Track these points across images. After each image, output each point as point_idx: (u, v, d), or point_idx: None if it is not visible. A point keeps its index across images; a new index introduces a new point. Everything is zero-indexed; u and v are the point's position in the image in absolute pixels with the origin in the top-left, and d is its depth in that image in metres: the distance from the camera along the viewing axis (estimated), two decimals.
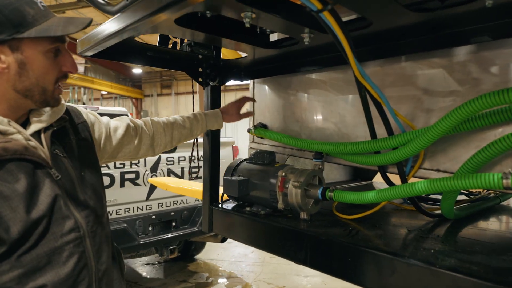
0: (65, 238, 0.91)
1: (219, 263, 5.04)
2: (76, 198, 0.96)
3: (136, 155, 1.34)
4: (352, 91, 1.38)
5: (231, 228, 1.53)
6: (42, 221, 0.86)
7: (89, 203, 0.99)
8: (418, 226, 1.28)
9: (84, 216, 0.96)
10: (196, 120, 1.48)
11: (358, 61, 0.99)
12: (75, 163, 1.00)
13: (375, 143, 1.17)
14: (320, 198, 1.30)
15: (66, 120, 1.03)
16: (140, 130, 1.33)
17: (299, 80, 1.57)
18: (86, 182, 1.01)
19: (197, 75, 1.59)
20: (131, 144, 1.29)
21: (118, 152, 1.27)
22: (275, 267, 4.80)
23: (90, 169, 1.05)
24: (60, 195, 0.91)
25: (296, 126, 1.59)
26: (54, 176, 0.91)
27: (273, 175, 1.40)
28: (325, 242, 1.14)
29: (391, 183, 1.27)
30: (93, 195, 1.03)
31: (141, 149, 1.34)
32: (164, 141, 1.39)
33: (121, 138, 1.25)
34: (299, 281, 4.38)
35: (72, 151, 1.01)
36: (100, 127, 1.19)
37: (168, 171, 3.58)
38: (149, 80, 24.48)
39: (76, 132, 1.07)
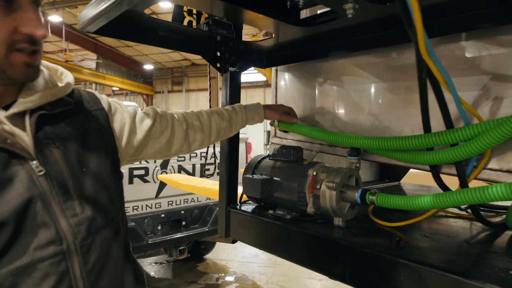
0: (39, 253, 0.70)
1: (229, 263, 4.87)
2: (68, 199, 0.77)
3: (169, 152, 1.14)
4: (395, 78, 1.18)
5: (251, 233, 1.34)
6: (4, 228, 0.67)
7: (86, 206, 0.80)
8: (475, 236, 1.08)
9: (73, 224, 0.76)
10: (235, 113, 1.28)
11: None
12: (73, 156, 0.80)
13: (431, 138, 0.97)
14: (359, 202, 1.11)
15: (69, 104, 0.84)
16: (171, 121, 1.13)
17: (331, 66, 1.37)
18: (87, 180, 0.82)
19: (214, 60, 1.40)
20: (162, 138, 1.09)
21: (146, 148, 1.07)
22: (287, 269, 4.61)
23: (99, 163, 0.86)
24: (37, 197, 0.72)
25: (326, 118, 1.40)
26: (37, 170, 0.72)
27: (302, 174, 1.21)
28: (369, 255, 0.94)
29: (445, 187, 1.07)
30: (97, 196, 0.83)
31: (174, 144, 1.13)
32: (201, 136, 1.20)
33: (148, 130, 1.05)
34: (313, 284, 4.19)
35: (72, 141, 0.82)
36: (123, 116, 1.00)
37: (178, 167, 3.41)
38: (160, 76, 24.48)
39: (87, 119, 0.88)
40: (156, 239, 3.14)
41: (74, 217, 0.77)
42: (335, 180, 1.12)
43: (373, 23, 1.06)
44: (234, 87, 1.43)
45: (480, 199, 0.84)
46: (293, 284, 4.17)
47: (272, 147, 1.63)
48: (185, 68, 23.95)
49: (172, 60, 22.29)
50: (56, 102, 0.81)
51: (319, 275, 4.36)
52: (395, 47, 1.18)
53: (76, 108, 0.87)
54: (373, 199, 1.08)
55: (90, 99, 0.92)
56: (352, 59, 1.29)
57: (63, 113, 0.83)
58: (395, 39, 1.13)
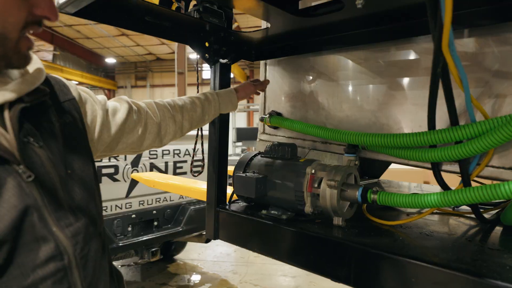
0: (39, 272, 0.60)
1: (201, 263, 4.75)
2: (59, 207, 0.66)
3: (140, 147, 1.04)
4: (396, 74, 1.15)
5: (243, 235, 1.27)
6: (2, 247, 0.56)
7: (78, 214, 0.69)
8: (473, 234, 1.08)
9: (70, 235, 0.66)
10: (208, 102, 1.20)
11: None
12: (58, 156, 0.69)
13: (436, 135, 0.95)
14: (360, 201, 1.07)
15: (46, 94, 0.72)
16: (144, 114, 1.03)
17: (326, 61, 1.33)
18: (74, 183, 0.71)
19: (203, 51, 1.31)
20: (135, 133, 0.99)
21: (118, 143, 0.97)
22: (260, 267, 4.58)
23: (80, 164, 0.75)
24: (32, 207, 0.60)
25: (320, 115, 1.35)
26: (25, 176, 0.60)
27: (300, 172, 1.16)
28: (377, 256, 0.91)
29: (446, 185, 1.06)
30: (86, 199, 0.73)
31: (146, 139, 1.04)
32: (173, 129, 1.11)
33: (122, 124, 0.95)
34: (286, 282, 4.18)
35: (54, 139, 0.70)
36: (94, 108, 0.88)
37: (150, 165, 3.25)
38: (123, 71, 23.54)
39: (61, 112, 0.75)
40: (127, 241, 2.97)
41: (70, 226, 0.67)
42: (335, 178, 1.07)
43: (375, 15, 1.02)
44: (224, 80, 1.34)
45: (491, 197, 0.83)
46: (267, 282, 4.14)
47: (261, 144, 1.57)
48: (149, 62, 23.20)
49: (136, 54, 21.50)
50: (32, 92, 0.68)
51: (292, 272, 4.38)
52: (392, 43, 1.15)
53: (50, 98, 0.75)
54: (375, 197, 1.05)
55: (59, 87, 0.79)
56: (350, 53, 1.25)
57: (39, 105, 0.71)
58: (396, 34, 1.10)
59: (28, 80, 0.67)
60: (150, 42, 19.09)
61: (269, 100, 1.53)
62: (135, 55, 21.68)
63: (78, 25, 16.16)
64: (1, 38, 0.59)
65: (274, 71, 1.51)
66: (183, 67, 11.24)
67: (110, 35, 17.47)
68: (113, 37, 17.79)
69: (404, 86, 1.14)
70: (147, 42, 19.10)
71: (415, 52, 1.11)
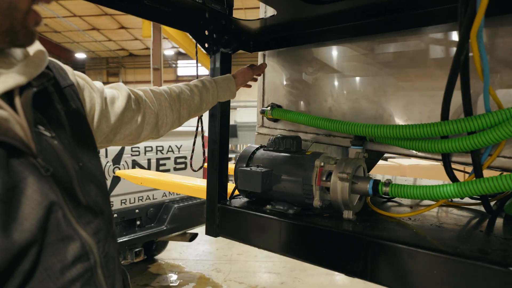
0: (68, 275, 0.53)
1: (183, 262, 4.65)
2: (78, 204, 0.59)
3: (137, 139, 0.98)
4: (404, 64, 1.14)
5: (247, 231, 1.22)
6: (30, 249, 0.48)
7: (95, 209, 0.62)
8: (482, 224, 1.09)
9: (92, 233, 0.60)
10: (206, 89, 1.14)
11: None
12: (69, 148, 0.62)
13: (451, 125, 0.94)
14: (371, 194, 1.05)
15: (50, 78, 0.63)
16: (143, 103, 0.96)
17: (330, 51, 1.30)
18: (87, 177, 0.64)
19: (202, 39, 1.25)
20: (133, 123, 0.92)
21: (116, 134, 0.89)
22: (244, 265, 4.54)
23: (89, 157, 0.67)
24: (56, 203, 0.53)
25: (323, 107, 1.32)
26: (43, 170, 0.53)
27: (308, 166, 1.12)
28: (395, 249, 0.89)
29: (455, 177, 1.06)
30: (99, 194, 0.66)
31: (144, 130, 0.97)
32: (171, 119, 1.04)
33: (121, 114, 0.87)
34: (272, 278, 4.17)
35: (62, 129, 0.62)
36: (92, 96, 0.80)
37: (133, 162, 3.13)
38: (94, 66, 22.75)
39: (64, 99, 0.67)
40: None
41: (90, 224, 0.60)
42: (346, 170, 1.05)
43: (388, 4, 1.00)
44: (225, 71, 1.28)
45: (507, 187, 0.82)
46: (252, 279, 4.11)
47: (259, 138, 1.52)
48: (122, 58, 22.53)
49: (108, 49, 20.81)
50: (38, 77, 0.60)
51: (276, 269, 4.37)
52: (400, 33, 1.14)
53: (53, 84, 0.66)
54: (387, 190, 1.03)
55: (57, 71, 0.71)
56: (355, 43, 1.23)
57: (43, 92, 0.63)
58: (404, 24, 1.09)
59: (34, 62, 0.60)
60: (122, 37, 18.52)
61: (268, 92, 1.49)
62: (107, 50, 20.98)
63: (45, 18, 15.42)
64: (10, 7, 0.51)
65: (274, 62, 1.46)
66: (158, 63, 10.97)
67: (79, 29, 16.80)
68: (83, 31, 17.12)
69: (412, 77, 1.12)
70: (119, 37, 18.53)
71: (423, 42, 1.10)
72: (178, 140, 3.52)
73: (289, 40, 1.32)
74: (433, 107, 1.09)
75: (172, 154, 3.50)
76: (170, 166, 3.46)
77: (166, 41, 16.93)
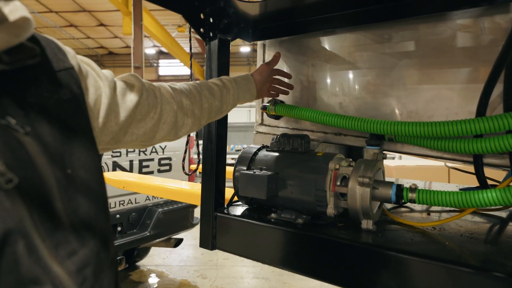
0: None
1: (167, 269, 4.44)
2: (56, 227, 0.42)
3: (152, 140, 0.81)
4: (427, 54, 1.01)
5: (249, 244, 1.07)
6: None
7: (84, 234, 0.46)
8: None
9: (75, 269, 0.43)
10: (227, 90, 0.99)
11: None
12: (53, 149, 0.46)
13: (491, 122, 0.82)
14: (394, 200, 0.92)
15: (34, 54, 0.48)
16: (160, 98, 0.79)
17: (341, 40, 1.16)
18: (76, 188, 0.47)
19: (197, 23, 1.09)
20: (147, 121, 0.75)
21: (126, 133, 0.72)
22: (231, 270, 4.37)
23: (84, 160, 0.51)
24: (15, 231, 0.37)
25: (332, 102, 1.19)
26: (3, 180, 0.37)
27: (321, 168, 0.98)
28: (433, 267, 0.75)
29: (486, 182, 0.94)
30: (92, 210, 0.49)
31: (160, 130, 0.80)
32: (192, 120, 0.88)
33: (133, 109, 0.71)
34: (260, 284, 4.02)
35: (46, 123, 0.46)
36: (98, 85, 0.63)
37: (113, 164, 2.91)
38: None
39: (56, 85, 0.51)
40: None
41: (73, 256, 0.43)
42: (367, 174, 0.91)
43: None
44: (222, 62, 1.12)
45: None
46: (240, 286, 3.95)
47: (259, 137, 1.37)
48: (101, 57, 21.91)
49: (86, 47, 20.19)
50: (15, 50, 0.44)
51: (264, 274, 4.22)
52: (423, 19, 1.02)
53: (41, 63, 0.50)
54: (413, 196, 0.90)
55: (52, 50, 0.54)
56: (369, 31, 1.10)
57: (24, 72, 0.46)
58: (427, 8, 0.96)
59: (9, 29, 0.43)
60: (101, 35, 18.00)
61: None
62: (85, 48, 20.35)
63: None
64: None
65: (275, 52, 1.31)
66: (140, 61, 10.65)
67: (56, 26, 16.21)
68: (59, 28, 16.53)
69: (437, 68, 1.00)
70: (98, 34, 18.00)
71: (450, 29, 0.97)
72: None
73: (294, 27, 1.18)
74: (461, 102, 0.97)
75: (156, 155, 3.30)
76: (153, 168, 3.26)
77: (148, 39, 16.56)
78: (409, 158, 5.25)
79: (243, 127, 14.24)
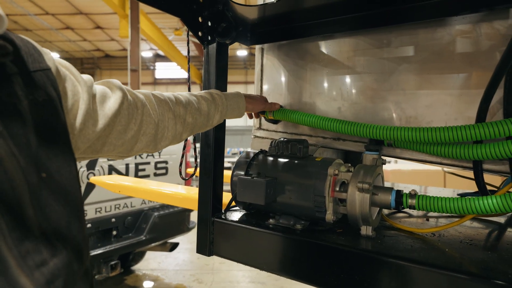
0: None
1: (162, 273, 4.40)
2: (26, 235, 0.41)
3: (129, 151, 0.79)
4: (426, 60, 1.01)
5: (247, 250, 1.06)
6: None
7: (56, 243, 0.44)
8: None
9: (44, 281, 0.41)
10: (215, 104, 0.98)
11: None
12: (26, 151, 0.44)
13: (487, 128, 0.81)
14: (393, 206, 0.91)
15: (6, 53, 0.46)
16: (141, 108, 0.77)
17: (340, 45, 1.16)
18: (50, 194, 0.46)
19: (196, 27, 1.08)
20: (127, 132, 0.74)
21: (104, 143, 0.70)
22: (227, 274, 4.34)
23: (60, 164, 0.49)
24: None
25: (331, 106, 1.18)
26: None
27: (320, 174, 0.97)
28: (434, 275, 0.75)
29: (486, 189, 0.93)
30: (67, 219, 0.47)
31: (139, 141, 0.78)
32: (173, 133, 0.86)
33: (112, 117, 0.69)
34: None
35: (19, 124, 0.45)
36: (76, 90, 0.61)
37: (109, 168, 2.89)
38: None
39: (31, 86, 0.49)
40: None
41: (42, 267, 0.41)
42: (366, 180, 0.90)
43: None
44: (220, 66, 1.11)
45: None
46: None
47: (256, 141, 1.36)
48: (97, 59, 21.86)
49: (83, 49, 20.13)
50: None
51: (260, 278, 4.19)
52: (422, 24, 1.01)
53: (13, 62, 0.49)
54: (412, 202, 0.89)
55: (28, 50, 0.53)
56: (368, 36, 1.09)
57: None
58: (426, 14, 0.96)
59: None
60: (98, 37, 17.96)
61: (267, 91, 1.33)
62: (82, 50, 20.30)
63: (15, 15, 14.73)
64: None
65: (274, 57, 1.31)
66: (136, 64, 10.63)
67: (52, 28, 16.15)
68: (56, 30, 16.47)
69: (437, 73, 1.00)
70: (95, 37, 17.96)
71: (450, 34, 0.97)
72: None
73: (293, 31, 1.17)
74: (460, 108, 0.96)
75: (152, 158, 3.28)
76: (150, 172, 3.24)
77: (144, 42, 16.53)
78: (405, 162, 5.26)
79: (240, 130, 14.23)
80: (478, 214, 0.82)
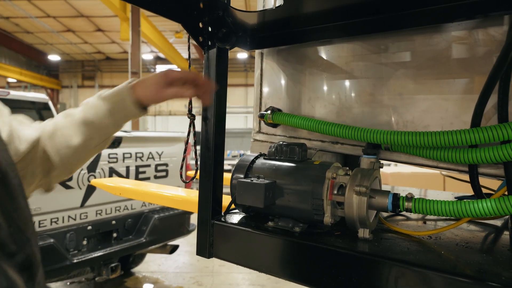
0: None
1: (163, 276, 4.41)
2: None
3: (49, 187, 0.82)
4: (422, 65, 1.03)
5: (247, 252, 1.07)
6: None
7: (24, 245, 0.44)
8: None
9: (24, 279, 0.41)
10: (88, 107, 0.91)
11: None
12: None
13: (485, 133, 0.83)
14: (390, 209, 0.92)
15: None
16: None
17: (338, 50, 1.18)
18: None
19: (196, 32, 1.10)
20: (36, 176, 0.76)
21: None
22: (227, 277, 4.35)
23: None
24: None
25: (330, 111, 1.20)
26: None
27: (318, 177, 0.99)
28: (430, 277, 0.76)
29: (481, 192, 0.95)
30: (11, 231, 0.44)
31: (53, 179, 0.82)
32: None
33: (24, 157, 0.69)
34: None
35: None
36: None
37: (110, 170, 2.90)
38: (69, 69, 22.01)
39: None
40: (82, 257, 2.60)
41: (22, 272, 0.42)
42: (363, 183, 0.92)
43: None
44: (221, 69, 1.13)
45: None
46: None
47: (256, 145, 1.38)
48: (98, 62, 21.92)
49: (84, 52, 20.19)
50: None
51: (260, 281, 4.20)
52: (419, 30, 1.03)
53: None
54: (409, 205, 0.91)
55: None
56: (365, 42, 1.11)
57: None
58: (423, 20, 0.98)
59: None
60: (99, 40, 18.03)
61: (266, 95, 1.35)
62: (82, 53, 20.37)
63: (17, 18, 14.80)
64: None
65: (273, 62, 1.33)
66: (137, 66, 10.68)
67: (53, 31, 16.22)
68: (57, 32, 16.53)
69: (433, 79, 1.02)
70: (96, 39, 18.02)
71: (446, 40, 0.99)
72: (159, 147, 3.33)
73: (292, 37, 1.19)
74: (456, 113, 0.98)
75: (153, 161, 3.29)
76: (150, 174, 3.25)
77: (145, 45, 16.59)
78: (404, 165, 5.30)
79: (240, 133, 14.26)
80: (473, 217, 0.83)
